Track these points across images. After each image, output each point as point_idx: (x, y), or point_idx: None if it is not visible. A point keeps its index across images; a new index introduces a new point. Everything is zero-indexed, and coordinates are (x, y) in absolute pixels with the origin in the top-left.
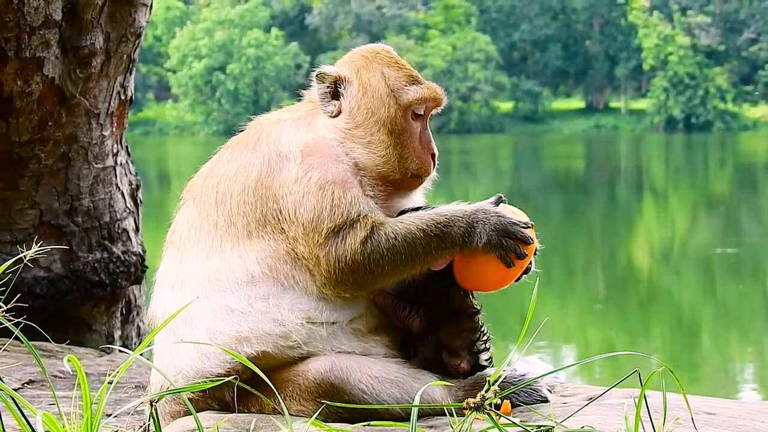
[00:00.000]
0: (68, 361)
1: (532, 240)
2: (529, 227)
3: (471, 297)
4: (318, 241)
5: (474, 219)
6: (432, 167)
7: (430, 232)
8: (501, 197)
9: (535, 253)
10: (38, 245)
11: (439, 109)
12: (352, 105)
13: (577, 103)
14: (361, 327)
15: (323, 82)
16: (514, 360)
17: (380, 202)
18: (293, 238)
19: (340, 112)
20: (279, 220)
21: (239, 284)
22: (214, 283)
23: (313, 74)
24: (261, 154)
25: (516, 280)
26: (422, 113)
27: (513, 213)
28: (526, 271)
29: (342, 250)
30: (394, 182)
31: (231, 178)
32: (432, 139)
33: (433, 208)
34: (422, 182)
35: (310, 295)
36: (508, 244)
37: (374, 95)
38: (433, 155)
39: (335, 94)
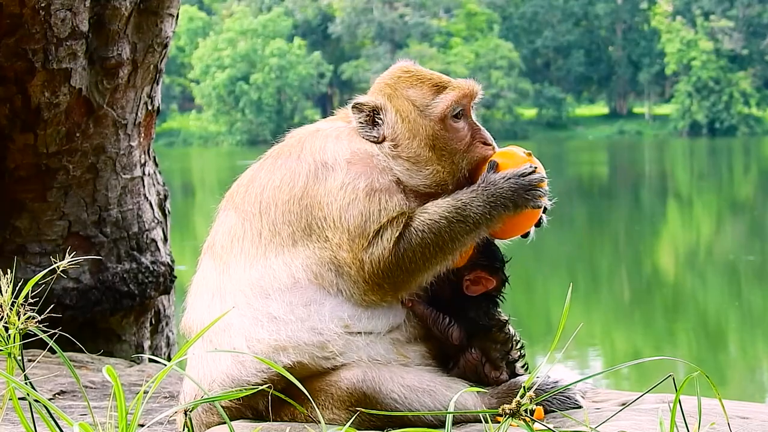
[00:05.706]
0: (105, 371)
1: (544, 177)
2: (535, 168)
3: (496, 309)
4: (363, 245)
5: (488, 193)
6: (488, 149)
7: (451, 218)
8: (495, 162)
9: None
10: (68, 256)
11: (477, 100)
12: (394, 131)
13: (600, 109)
14: (399, 337)
15: (362, 112)
16: (544, 366)
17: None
18: (337, 244)
19: (384, 139)
20: (323, 227)
21: (282, 290)
22: (257, 289)
23: (350, 105)
24: (306, 164)
25: (543, 210)
26: (461, 114)
27: (509, 157)
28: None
29: (381, 249)
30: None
31: (276, 187)
32: (482, 128)
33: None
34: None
35: (351, 302)
36: (530, 196)
37: (409, 119)
38: (484, 141)
39: (374, 122)
